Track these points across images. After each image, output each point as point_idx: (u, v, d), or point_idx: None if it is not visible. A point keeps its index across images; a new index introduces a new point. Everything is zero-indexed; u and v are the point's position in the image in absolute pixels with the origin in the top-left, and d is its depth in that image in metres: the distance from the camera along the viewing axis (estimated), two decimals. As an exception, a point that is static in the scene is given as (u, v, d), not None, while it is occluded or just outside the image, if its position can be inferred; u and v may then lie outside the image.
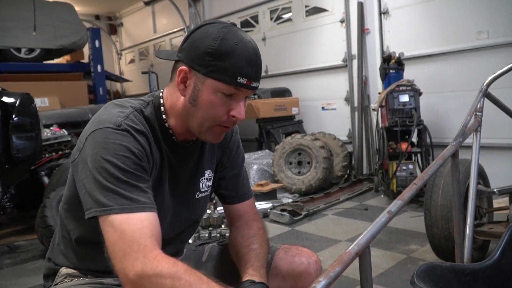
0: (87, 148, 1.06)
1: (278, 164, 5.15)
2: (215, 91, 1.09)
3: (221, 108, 1.11)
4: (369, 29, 5.47)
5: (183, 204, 1.29)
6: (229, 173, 1.39)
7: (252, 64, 1.09)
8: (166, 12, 9.06)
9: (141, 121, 1.13)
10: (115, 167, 1.02)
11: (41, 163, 3.99)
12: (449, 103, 4.78)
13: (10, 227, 4.24)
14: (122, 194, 1.01)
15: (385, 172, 4.51)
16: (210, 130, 1.15)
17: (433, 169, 1.42)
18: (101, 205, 1.00)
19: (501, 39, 4.33)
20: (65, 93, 6.46)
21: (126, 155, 1.04)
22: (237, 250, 1.28)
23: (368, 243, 0.93)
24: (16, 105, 3.42)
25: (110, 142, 1.04)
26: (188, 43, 1.13)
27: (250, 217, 1.38)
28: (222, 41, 1.06)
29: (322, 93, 6.20)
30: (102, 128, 1.06)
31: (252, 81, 1.10)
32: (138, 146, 1.07)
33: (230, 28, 1.10)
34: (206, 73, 1.08)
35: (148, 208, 1.02)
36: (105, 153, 1.03)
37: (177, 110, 1.17)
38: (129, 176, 1.03)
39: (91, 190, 1.02)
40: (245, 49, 1.08)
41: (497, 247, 1.24)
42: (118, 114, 1.10)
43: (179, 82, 1.13)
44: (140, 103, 1.18)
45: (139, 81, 9.74)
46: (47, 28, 6.35)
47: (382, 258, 2.99)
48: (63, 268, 1.26)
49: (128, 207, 1.00)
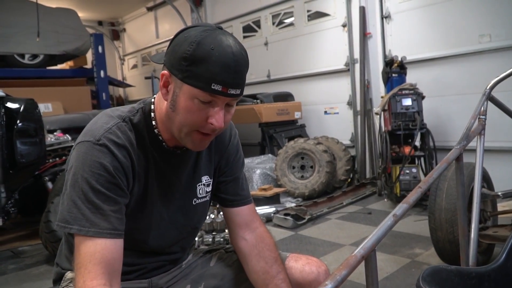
0: (71, 159, 1.10)
1: (281, 168, 5.15)
2: (192, 97, 1.06)
3: (198, 114, 1.08)
4: (371, 33, 5.48)
5: (179, 211, 1.28)
6: (228, 177, 1.37)
7: (229, 70, 1.04)
8: (169, 17, 9.10)
9: (125, 132, 1.13)
10: (88, 184, 1.04)
11: (45, 168, 4.00)
12: (452, 107, 4.78)
13: (14, 232, 4.26)
14: (85, 215, 1.03)
15: (388, 176, 4.50)
16: (189, 136, 1.12)
17: (438, 173, 1.42)
18: (64, 221, 1.05)
19: (503, 43, 4.33)
20: (69, 98, 6.48)
21: (99, 173, 1.05)
22: (264, 282, 1.27)
23: (374, 246, 0.93)
24: (20, 111, 3.44)
25: (88, 159, 1.06)
26: (170, 47, 1.11)
27: (260, 227, 1.36)
28: (198, 46, 1.03)
29: (325, 97, 6.21)
30: (84, 142, 1.09)
31: (229, 88, 1.05)
32: (115, 163, 1.08)
33: (210, 32, 1.06)
34: (182, 79, 1.06)
35: (104, 234, 1.04)
36: (82, 168, 1.06)
37: (162, 115, 1.16)
38: (99, 196, 1.05)
39: (62, 203, 1.07)
40: (222, 54, 1.03)
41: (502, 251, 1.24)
42: (102, 125, 1.11)
43: (161, 86, 1.12)
44: (130, 111, 1.18)
45: (142, 86, 9.77)
46: (51, 34, 6.38)
47: (387, 262, 2.98)
48: (68, 273, 1.27)
49: (85, 230, 1.03)
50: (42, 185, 3.95)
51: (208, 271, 1.40)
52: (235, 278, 1.38)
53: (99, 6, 9.49)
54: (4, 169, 3.36)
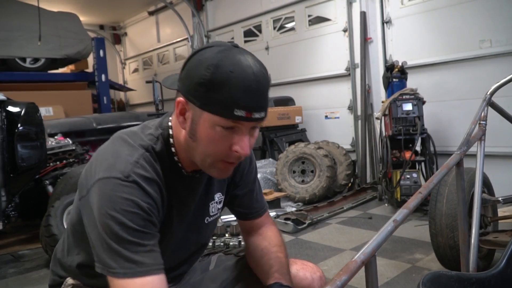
0: (93, 196, 1.01)
1: (281, 173, 5.15)
2: (213, 125, 0.99)
3: (222, 143, 1.01)
4: (372, 38, 5.49)
5: (192, 230, 1.25)
6: (242, 190, 1.34)
7: (252, 93, 0.97)
8: (170, 21, 9.13)
9: (152, 164, 1.06)
10: (121, 224, 0.96)
11: (45, 172, 4.00)
12: (453, 112, 4.78)
13: (15, 236, 4.25)
14: (126, 257, 0.96)
15: (389, 180, 4.50)
16: (213, 166, 1.06)
17: (438, 178, 1.42)
18: (105, 264, 0.97)
19: (504, 48, 4.33)
20: (70, 102, 6.50)
21: (133, 211, 0.97)
22: (262, 254, 1.27)
23: (374, 251, 0.93)
24: (21, 115, 3.45)
25: (117, 196, 0.97)
26: (184, 71, 1.03)
27: (273, 227, 1.38)
28: (216, 69, 0.95)
29: (325, 101, 6.21)
30: (110, 178, 0.99)
31: (253, 112, 0.98)
32: (148, 200, 1.01)
33: (227, 52, 0.98)
34: (201, 106, 0.98)
35: (152, 271, 0.98)
36: (110, 208, 0.97)
37: (182, 144, 1.10)
38: (135, 234, 0.97)
39: (97, 245, 0.99)
40: (243, 76, 0.96)
41: (502, 256, 1.24)
42: (127, 159, 1.03)
43: (178, 114, 1.05)
44: (151, 139, 1.10)
45: (143, 90, 9.78)
46: (52, 38, 6.41)
47: (387, 267, 2.97)
48: (69, 279, 1.25)
49: (131, 271, 0.96)
50: (43, 189, 3.95)
51: (208, 275, 1.40)
52: (234, 280, 1.38)
53: (101, 10, 9.52)
54: (4, 172, 3.36)
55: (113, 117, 5.63)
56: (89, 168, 1.07)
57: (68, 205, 3.39)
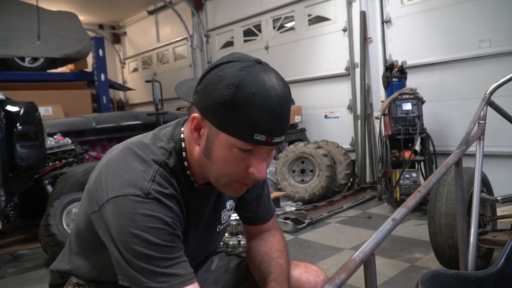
0: (109, 215, 0.97)
1: (281, 172, 5.15)
2: (230, 146, 0.95)
3: (238, 164, 0.97)
4: (371, 37, 5.49)
5: (204, 239, 1.24)
6: (250, 196, 1.30)
7: (274, 117, 0.91)
8: (169, 21, 9.12)
9: (169, 180, 1.02)
10: (146, 242, 0.92)
11: (44, 172, 4.00)
12: (452, 111, 4.78)
13: (14, 235, 4.25)
14: (157, 272, 0.93)
15: (388, 180, 4.50)
16: (228, 186, 1.03)
17: (437, 177, 1.42)
18: (135, 278, 0.94)
19: (503, 48, 4.34)
20: (69, 102, 6.49)
21: (158, 227, 0.94)
22: (262, 260, 1.25)
23: (373, 250, 0.93)
24: (20, 114, 3.45)
25: (139, 214, 0.93)
26: (202, 85, 0.97)
27: (277, 232, 1.36)
28: (237, 89, 0.89)
29: (325, 101, 6.21)
30: (127, 196, 0.95)
31: (274, 137, 0.93)
32: (171, 214, 0.98)
33: (250, 70, 0.92)
34: (218, 126, 0.93)
35: (187, 281, 0.96)
36: (132, 226, 0.92)
37: (195, 159, 1.06)
38: (163, 250, 0.94)
39: (119, 261, 0.96)
40: (266, 98, 0.90)
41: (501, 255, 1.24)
42: (143, 176, 0.98)
43: (192, 130, 1.00)
44: (163, 153, 1.05)
45: (143, 89, 9.78)
46: (51, 38, 6.41)
47: (386, 266, 2.97)
48: (73, 277, 1.23)
49: (167, 284, 0.93)
50: (42, 189, 3.95)
51: (210, 276, 1.39)
52: (236, 283, 1.38)
53: (100, 9, 9.51)
54: (3, 172, 3.36)
55: (113, 117, 5.63)
56: (99, 181, 1.03)
57: (68, 205, 3.38)
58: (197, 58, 8.41)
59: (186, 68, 8.74)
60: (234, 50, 7.62)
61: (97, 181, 1.04)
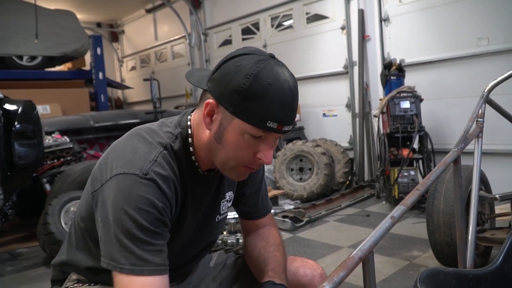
0: (109, 190, 1.01)
1: (279, 171, 5.15)
2: (242, 132, 1.01)
3: (247, 150, 1.04)
4: (370, 36, 5.49)
5: (203, 228, 1.26)
6: (249, 189, 1.35)
7: (286, 108, 1.00)
8: (168, 19, 9.10)
9: (169, 163, 1.07)
10: (134, 222, 0.97)
11: (43, 170, 4.00)
12: (450, 110, 4.79)
13: (12, 234, 4.24)
14: (135, 253, 0.97)
15: (386, 178, 4.51)
16: (234, 169, 1.08)
17: (435, 175, 1.42)
18: (114, 259, 0.98)
19: (501, 46, 4.34)
20: (67, 100, 6.49)
21: (148, 209, 0.98)
22: (258, 254, 1.27)
23: (371, 248, 0.93)
24: (18, 113, 3.44)
25: (134, 193, 0.98)
26: (218, 74, 1.03)
27: (273, 228, 1.38)
28: (255, 80, 0.97)
29: (323, 99, 6.21)
30: (128, 174, 1.00)
31: (284, 125, 1.00)
32: (163, 199, 1.02)
33: (265, 63, 1.00)
34: (233, 112, 1.00)
35: (158, 271, 0.99)
36: (126, 204, 0.97)
37: (203, 143, 1.10)
38: (147, 233, 0.98)
39: (107, 239, 1.00)
40: (280, 90, 0.98)
41: (499, 253, 1.25)
42: (146, 156, 1.03)
43: (205, 115, 1.05)
44: (169, 137, 1.10)
45: (141, 88, 9.76)
46: (49, 36, 6.39)
47: (385, 264, 2.98)
48: (73, 274, 1.24)
49: (139, 268, 0.96)
50: (40, 187, 3.95)
51: (209, 273, 1.40)
52: (233, 278, 1.39)
53: (98, 8, 9.49)
54: (2, 171, 3.35)
55: (111, 115, 5.63)
56: (104, 162, 1.08)
57: (66, 203, 3.38)
58: (195, 56, 8.40)
59: (184, 67, 8.73)
60: (232, 48, 7.59)
61: (101, 163, 1.09)
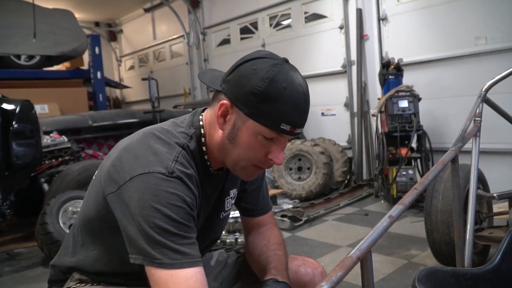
0: (132, 191, 1.01)
1: (278, 170, 5.15)
2: (256, 133, 1.04)
3: (260, 150, 1.07)
4: (368, 35, 5.49)
5: (208, 225, 1.28)
6: (250, 186, 1.37)
7: (299, 111, 1.03)
8: (166, 18, 9.10)
9: (189, 162, 1.09)
10: (166, 217, 0.98)
11: (41, 170, 3.99)
12: (448, 109, 4.79)
13: (10, 234, 4.24)
14: (172, 248, 0.98)
15: (385, 177, 4.51)
16: (245, 169, 1.12)
17: (433, 174, 1.42)
18: (148, 255, 0.98)
19: (499, 45, 4.34)
20: (65, 99, 6.48)
21: (179, 205, 1.00)
22: (260, 252, 1.28)
23: (369, 247, 0.93)
24: (16, 112, 3.43)
25: (162, 190, 0.99)
26: (234, 75, 1.06)
27: (274, 227, 1.39)
28: (271, 83, 1.00)
29: (322, 99, 6.21)
30: (154, 173, 1.01)
31: (296, 128, 1.04)
32: (191, 195, 1.04)
33: (281, 67, 1.03)
34: (248, 114, 1.03)
35: (196, 263, 1.00)
36: (155, 201, 0.98)
37: (215, 143, 1.13)
38: (180, 227, 1.00)
39: (135, 237, 0.99)
40: (294, 94, 1.02)
41: (497, 252, 1.25)
42: (167, 156, 1.05)
43: (219, 116, 1.08)
44: (185, 137, 1.12)
45: (139, 87, 9.75)
46: (47, 35, 6.37)
47: (383, 263, 2.98)
48: (75, 273, 1.24)
49: (178, 262, 0.98)
50: (38, 187, 3.94)
51: (209, 272, 1.40)
52: (234, 278, 1.39)
53: (96, 7, 9.47)
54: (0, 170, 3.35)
55: (109, 115, 5.62)
56: (119, 164, 1.07)
57: (64, 203, 3.38)
58: (194, 55, 8.40)
59: (183, 66, 8.73)
60: (231, 48, 7.61)
61: (116, 164, 1.08)
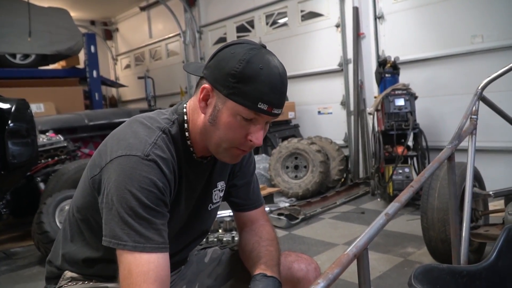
0: (111, 172, 1.05)
1: (274, 168, 5.15)
2: (235, 113, 1.07)
3: (239, 131, 1.09)
4: (364, 33, 5.49)
5: (196, 216, 1.29)
6: (240, 181, 1.39)
7: (276, 91, 1.06)
8: (162, 17, 9.08)
9: (168, 146, 1.12)
10: (137, 200, 1.01)
11: (37, 169, 3.98)
12: (445, 107, 4.81)
13: (6, 233, 4.22)
14: (138, 231, 1.01)
15: (381, 175, 4.52)
16: (227, 151, 1.14)
17: (430, 172, 1.42)
18: (117, 237, 1.01)
19: (495, 43, 4.36)
20: (61, 98, 6.45)
21: (150, 189, 1.03)
22: (252, 248, 1.28)
23: (366, 245, 0.93)
24: (11, 111, 3.42)
25: (136, 173, 1.03)
26: (214, 61, 1.10)
27: (267, 224, 1.40)
28: (247, 64, 1.04)
29: (318, 97, 6.22)
30: (130, 156, 1.05)
31: (273, 108, 1.07)
32: (164, 180, 1.07)
33: (258, 50, 1.08)
34: (227, 95, 1.06)
35: (160, 249, 1.03)
36: (129, 183, 1.02)
37: (198, 127, 1.16)
38: (149, 212, 1.03)
39: (109, 218, 1.03)
40: (270, 74, 1.05)
41: (493, 249, 1.25)
42: (146, 139, 1.08)
43: (201, 100, 1.11)
44: (167, 122, 1.16)
45: (135, 86, 9.73)
46: (43, 34, 6.35)
47: (379, 261, 2.99)
48: (67, 272, 1.25)
49: (141, 245, 1.01)
50: (34, 186, 3.93)
51: (204, 270, 1.41)
52: (228, 274, 1.40)
53: (92, 5, 9.43)
54: (-5, 169, 3.33)
55: (105, 114, 5.61)
56: (103, 149, 1.12)
57: (60, 202, 3.37)
58: (190, 54, 8.38)
59: (179, 65, 8.71)
60: (227, 46, 7.59)
61: (100, 150, 1.14)
